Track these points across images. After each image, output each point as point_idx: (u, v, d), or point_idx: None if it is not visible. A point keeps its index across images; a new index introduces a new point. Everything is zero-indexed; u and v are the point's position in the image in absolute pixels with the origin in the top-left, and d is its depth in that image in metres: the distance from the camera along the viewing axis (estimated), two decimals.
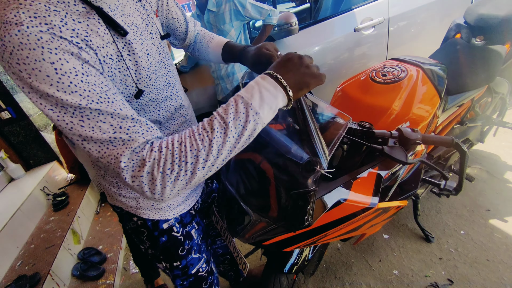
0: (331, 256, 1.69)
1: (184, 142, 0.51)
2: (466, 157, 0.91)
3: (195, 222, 0.96)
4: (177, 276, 0.96)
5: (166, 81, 0.75)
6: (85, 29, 0.51)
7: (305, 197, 0.72)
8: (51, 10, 0.46)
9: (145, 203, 0.81)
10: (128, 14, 0.63)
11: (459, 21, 1.70)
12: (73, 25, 0.49)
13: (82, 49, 0.48)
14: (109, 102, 0.49)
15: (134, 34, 0.62)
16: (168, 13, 0.84)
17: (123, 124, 0.50)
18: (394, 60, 1.39)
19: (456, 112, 1.56)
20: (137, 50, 0.62)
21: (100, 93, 0.48)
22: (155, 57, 0.69)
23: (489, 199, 1.82)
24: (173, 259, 0.91)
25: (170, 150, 0.50)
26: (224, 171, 0.97)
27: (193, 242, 0.94)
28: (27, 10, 0.44)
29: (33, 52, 0.43)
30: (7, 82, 2.52)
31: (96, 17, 0.53)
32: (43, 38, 0.44)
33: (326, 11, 2.58)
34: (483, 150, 2.23)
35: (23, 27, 0.43)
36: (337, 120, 0.83)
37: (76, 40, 0.48)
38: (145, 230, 0.85)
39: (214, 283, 1.06)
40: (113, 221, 2.40)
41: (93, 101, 0.47)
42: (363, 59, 2.39)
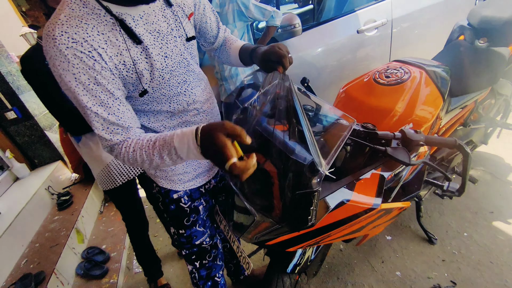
0: (333, 257, 1.69)
1: (136, 151, 0.70)
2: (469, 158, 0.91)
3: (204, 199, 1.08)
4: (183, 243, 1.10)
5: (183, 79, 0.83)
6: (105, 40, 0.64)
7: (309, 198, 0.73)
8: (82, 24, 0.61)
9: (160, 173, 0.96)
10: (152, 22, 0.72)
11: (462, 23, 1.70)
12: (95, 38, 0.63)
13: (97, 61, 0.63)
14: (108, 107, 0.67)
15: (155, 40, 0.73)
16: (203, 18, 0.91)
17: (109, 128, 0.69)
18: (397, 62, 1.39)
19: (460, 113, 1.56)
20: (153, 54, 0.72)
21: (103, 99, 0.66)
22: (174, 59, 0.78)
23: (492, 201, 1.82)
24: (179, 226, 1.06)
25: (127, 152, 0.71)
26: None
27: (199, 216, 1.07)
28: (61, 25, 0.60)
29: (61, 63, 0.60)
30: (13, 82, 2.55)
31: (118, 28, 0.66)
32: (68, 54, 0.60)
33: (329, 13, 2.59)
34: (487, 152, 2.22)
35: (56, 42, 0.59)
36: (341, 122, 0.83)
37: (92, 54, 0.62)
38: (160, 196, 1.02)
39: (218, 257, 1.20)
40: (116, 221, 2.42)
41: (95, 105, 0.65)
42: (366, 60, 2.40)
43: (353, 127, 0.78)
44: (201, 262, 1.15)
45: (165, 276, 1.81)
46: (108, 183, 1.37)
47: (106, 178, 1.36)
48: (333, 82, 2.41)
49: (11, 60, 2.59)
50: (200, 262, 1.14)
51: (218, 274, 1.21)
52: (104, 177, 1.36)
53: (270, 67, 0.81)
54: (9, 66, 2.54)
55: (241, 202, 0.90)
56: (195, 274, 1.18)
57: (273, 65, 0.80)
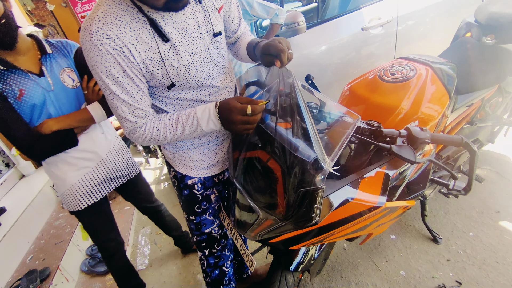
0: (337, 256, 1.68)
1: (160, 130, 0.82)
2: (476, 156, 0.90)
3: (216, 189, 1.11)
4: (193, 230, 1.15)
5: (207, 74, 0.87)
6: (136, 37, 0.71)
7: (313, 195, 0.73)
8: (116, 20, 0.68)
9: (178, 158, 1.03)
10: (180, 20, 0.77)
11: (469, 20, 1.67)
12: (127, 34, 0.69)
13: (126, 57, 0.70)
14: (132, 97, 0.76)
15: (182, 38, 0.78)
16: (228, 12, 0.95)
17: (135, 112, 0.79)
18: (403, 59, 1.38)
19: (466, 112, 1.54)
20: (180, 51, 0.78)
21: (129, 90, 0.75)
22: (199, 55, 0.82)
23: (499, 200, 1.79)
24: (190, 212, 1.11)
25: (150, 132, 0.82)
26: (232, 169, 0.97)
27: (210, 205, 1.10)
28: (98, 21, 0.67)
29: (95, 56, 0.68)
30: None
31: (148, 27, 0.72)
32: (102, 49, 0.67)
33: (333, 10, 2.57)
34: (493, 151, 2.19)
35: (92, 37, 0.66)
36: (346, 119, 0.83)
37: (123, 50, 0.69)
38: (175, 181, 1.08)
39: (227, 247, 1.23)
40: (120, 218, 2.43)
41: (122, 93, 0.75)
42: (371, 58, 2.37)
43: (357, 124, 0.77)
44: (210, 250, 1.17)
45: (168, 273, 1.82)
46: (73, 204, 1.27)
47: (71, 199, 1.26)
48: (337, 80, 2.40)
49: None
50: (209, 250, 1.18)
51: (226, 264, 1.23)
52: (69, 198, 1.26)
53: (269, 61, 0.81)
54: None
55: (244, 199, 0.90)
56: (204, 261, 1.21)
57: (271, 59, 0.80)
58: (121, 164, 1.40)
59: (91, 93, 1.21)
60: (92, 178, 1.28)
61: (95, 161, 1.29)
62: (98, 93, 1.22)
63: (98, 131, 1.31)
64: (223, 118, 0.78)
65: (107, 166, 1.33)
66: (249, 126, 0.77)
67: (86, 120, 1.18)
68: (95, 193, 1.30)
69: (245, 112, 0.74)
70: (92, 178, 1.28)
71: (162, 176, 3.14)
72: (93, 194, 1.30)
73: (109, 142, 1.36)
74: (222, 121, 0.79)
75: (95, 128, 1.29)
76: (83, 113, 1.17)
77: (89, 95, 1.21)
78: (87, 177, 1.27)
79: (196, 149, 1.00)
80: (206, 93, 0.90)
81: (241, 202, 0.94)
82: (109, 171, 1.35)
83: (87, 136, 1.24)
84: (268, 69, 0.89)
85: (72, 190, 1.25)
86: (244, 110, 0.74)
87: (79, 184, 1.25)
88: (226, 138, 1.04)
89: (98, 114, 1.19)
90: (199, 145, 0.99)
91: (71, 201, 1.26)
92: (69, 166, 1.22)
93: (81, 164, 1.25)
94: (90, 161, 1.27)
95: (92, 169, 1.28)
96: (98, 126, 1.31)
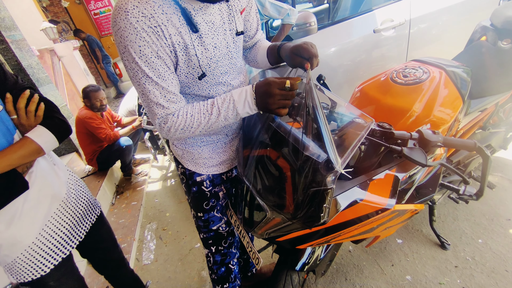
0: (342, 258, 1.67)
1: (194, 115, 0.80)
2: (489, 162, 0.88)
3: (225, 187, 1.11)
4: (200, 227, 1.15)
5: (225, 70, 0.88)
6: (167, 19, 0.71)
7: (323, 195, 0.73)
8: (150, 1, 0.68)
9: (187, 155, 1.02)
10: (209, 14, 0.78)
11: (485, 23, 1.65)
12: (160, 15, 0.69)
13: (160, 37, 0.70)
14: (164, 79, 0.75)
15: (209, 30, 0.79)
16: (248, 15, 0.97)
17: (167, 96, 0.77)
18: (416, 61, 1.36)
19: (479, 116, 1.52)
20: (206, 43, 0.79)
21: (161, 72, 0.74)
22: (221, 50, 0.84)
23: (509, 208, 1.76)
24: (198, 209, 1.10)
25: (184, 118, 0.80)
26: (241, 167, 0.98)
27: (218, 202, 1.10)
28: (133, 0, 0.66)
29: (129, 35, 0.68)
30: (33, 75, 2.63)
31: (179, 14, 0.72)
32: (138, 27, 0.67)
33: (345, 12, 2.56)
34: (506, 158, 2.15)
35: (128, 15, 0.66)
36: (358, 121, 0.82)
37: (157, 30, 0.69)
38: (184, 178, 1.08)
39: (234, 245, 1.22)
40: (127, 213, 2.47)
41: (155, 76, 0.73)
42: (382, 60, 2.35)
43: (371, 127, 0.77)
44: (217, 247, 1.18)
45: (173, 269, 1.83)
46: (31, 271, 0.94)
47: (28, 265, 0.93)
48: (347, 82, 2.38)
49: (32, 53, 2.67)
50: (216, 248, 1.18)
51: (232, 262, 1.24)
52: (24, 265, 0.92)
53: (299, 62, 0.83)
54: (30, 59, 2.62)
55: (253, 197, 0.90)
56: (210, 258, 1.21)
57: (302, 61, 0.82)
58: (84, 203, 1.12)
59: (24, 117, 0.89)
60: (56, 228, 0.98)
61: (55, 204, 0.98)
62: (37, 114, 0.91)
63: (48, 163, 1.01)
64: (260, 96, 0.77)
65: (70, 208, 1.04)
66: (287, 101, 0.76)
67: (31, 153, 0.87)
68: (64, 245, 1.01)
69: (283, 85, 0.74)
70: (56, 229, 0.98)
71: (169, 173, 3.17)
72: (63, 247, 1.00)
73: (64, 176, 1.06)
74: (259, 102, 0.78)
75: (43, 160, 0.98)
76: (25, 145, 0.85)
77: (22, 119, 0.89)
78: (50, 229, 0.96)
79: (206, 147, 1.01)
80: (221, 91, 0.91)
81: (249, 199, 0.94)
82: (74, 214, 1.05)
83: (36, 174, 0.93)
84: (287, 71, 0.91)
85: (30, 253, 0.92)
86: (283, 84, 0.73)
87: (39, 242, 0.93)
88: (236, 136, 1.05)
89: (48, 142, 0.90)
90: (208, 143, 1.00)
91: (28, 267, 0.92)
92: (20, 220, 0.88)
93: (38, 213, 0.93)
94: (48, 206, 0.96)
95: (53, 216, 0.98)
96: (47, 158, 1.01)
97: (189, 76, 0.82)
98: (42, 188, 0.94)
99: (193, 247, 2.03)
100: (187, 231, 2.19)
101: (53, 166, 1.03)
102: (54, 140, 0.93)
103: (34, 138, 0.87)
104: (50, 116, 0.96)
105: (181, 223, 2.31)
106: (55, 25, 4.26)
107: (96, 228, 1.17)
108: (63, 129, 0.98)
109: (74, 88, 4.19)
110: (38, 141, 0.87)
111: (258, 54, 1.04)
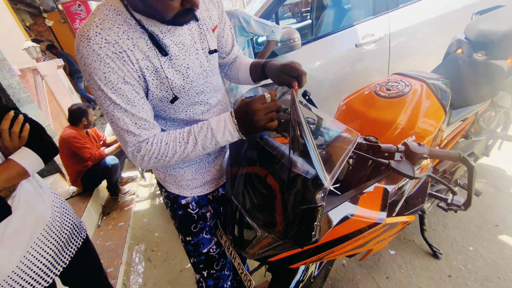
0: (336, 273, 1.64)
1: (169, 144, 0.76)
2: (474, 172, 0.90)
3: (212, 207, 1.08)
4: (190, 251, 1.09)
5: (200, 90, 0.86)
6: (133, 44, 0.69)
7: (313, 213, 0.71)
8: (114, 27, 0.67)
9: (169, 178, 0.98)
10: (178, 35, 0.77)
11: (460, 37, 1.72)
12: (125, 41, 0.68)
13: (126, 62, 0.68)
14: (134, 105, 0.72)
15: (179, 51, 0.77)
16: (221, 32, 0.96)
17: (138, 123, 0.74)
18: (398, 74, 1.40)
19: (461, 126, 1.56)
20: (177, 65, 0.77)
21: (130, 98, 0.71)
22: (195, 70, 0.82)
23: (497, 214, 1.79)
24: (186, 233, 1.05)
25: (158, 146, 0.76)
26: (230, 185, 0.96)
27: (206, 223, 1.06)
28: (96, 26, 0.65)
29: (93, 62, 0.65)
30: (14, 95, 2.56)
31: (146, 38, 0.71)
32: (101, 54, 0.65)
33: (327, 27, 2.64)
34: (489, 164, 2.21)
35: (90, 42, 0.64)
36: (344, 135, 0.83)
37: (123, 55, 0.67)
38: (168, 202, 1.03)
39: (226, 266, 1.17)
40: (114, 235, 2.37)
41: (123, 102, 0.70)
42: (365, 73, 2.42)
43: (357, 141, 0.77)
44: (208, 271, 1.13)
45: None
46: None
47: None
48: (333, 94, 2.43)
49: (13, 73, 2.60)
50: (208, 272, 1.13)
51: (226, 285, 1.18)
52: None
53: (287, 80, 0.83)
54: (10, 79, 2.56)
55: (242, 216, 0.88)
56: (202, 283, 1.15)
57: (290, 79, 0.82)
58: (69, 226, 1.08)
59: (8, 139, 0.87)
60: (39, 255, 0.94)
61: (39, 228, 0.95)
62: (22, 135, 0.90)
63: (32, 186, 0.98)
64: (243, 119, 0.74)
65: (55, 232, 1.00)
66: (273, 114, 0.74)
67: (15, 176, 0.85)
68: (47, 272, 0.96)
69: (264, 99, 0.72)
70: (39, 255, 0.94)
71: (157, 191, 3.09)
72: (45, 274, 0.95)
73: (49, 198, 1.04)
74: (242, 125, 0.75)
75: (27, 183, 0.96)
76: (8, 168, 0.84)
77: (5, 141, 0.87)
78: (32, 255, 0.92)
79: (188, 168, 0.98)
80: (199, 111, 0.89)
81: (239, 219, 0.92)
82: (58, 239, 1.01)
83: (19, 197, 0.90)
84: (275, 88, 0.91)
85: (13, 280, 0.87)
86: (263, 98, 0.72)
87: (20, 271, 0.89)
88: (219, 155, 1.03)
89: (33, 163, 0.89)
90: (190, 164, 0.97)
91: None
92: (2, 246, 0.85)
93: (20, 238, 0.89)
94: (32, 231, 0.93)
95: (36, 242, 0.93)
96: (31, 180, 0.99)
97: (163, 100, 0.80)
98: (25, 212, 0.92)
99: (183, 268, 1.95)
100: (177, 251, 2.12)
101: (38, 188, 1.01)
102: (39, 162, 0.93)
103: (18, 160, 0.86)
104: (36, 137, 0.95)
105: (170, 243, 2.23)
106: (38, 44, 4.21)
107: (81, 253, 1.12)
108: (49, 150, 0.98)
109: (58, 107, 4.10)
110: (22, 163, 0.87)
111: (240, 71, 1.03)
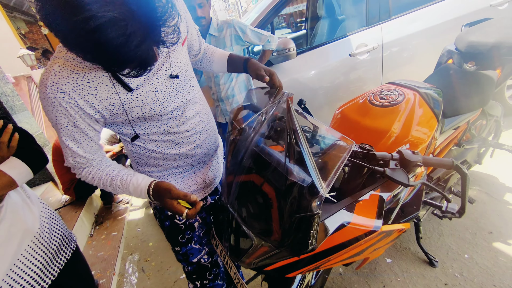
0: (333, 282, 1.63)
1: (95, 179, 0.84)
2: (467, 179, 0.91)
3: (200, 216, 1.07)
4: (181, 261, 1.10)
5: (175, 106, 0.85)
6: (95, 87, 0.71)
7: (309, 221, 0.71)
8: (73, 74, 0.68)
9: None
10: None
11: (450, 48, 1.77)
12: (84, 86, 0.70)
13: (81, 109, 0.72)
14: (78, 143, 0.77)
15: (145, 79, 0.77)
16: (190, 36, 0.98)
17: (76, 158, 0.80)
18: (391, 84, 1.43)
19: (453, 134, 1.59)
20: (143, 92, 0.78)
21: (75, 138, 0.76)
22: (164, 91, 0.81)
23: (491, 221, 1.81)
24: (174, 243, 1.06)
25: (86, 176, 0.84)
26: (226, 193, 0.95)
27: (194, 233, 1.06)
28: (54, 75, 0.68)
29: (47, 107, 0.71)
30: (7, 103, 2.54)
31: (108, 75, 0.72)
32: (55, 102, 0.69)
33: (321, 37, 2.70)
34: (481, 171, 2.24)
35: (46, 90, 0.68)
36: (339, 143, 0.83)
37: (78, 103, 0.71)
38: (157, 212, 1.04)
39: (219, 276, 1.17)
40: (107, 245, 2.32)
41: (67, 140, 0.76)
42: (359, 82, 2.46)
43: (352, 149, 0.78)
44: (201, 282, 1.12)
45: None
46: None
47: None
48: (327, 103, 2.46)
49: (7, 81, 2.59)
50: (201, 282, 1.12)
51: None
52: None
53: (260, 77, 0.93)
54: (4, 87, 2.54)
55: (238, 225, 0.87)
56: None
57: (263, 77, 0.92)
58: (58, 237, 1.05)
59: None
60: (26, 267, 0.91)
61: (27, 239, 0.93)
62: (11, 145, 0.90)
63: (20, 196, 0.97)
64: (156, 197, 0.81)
65: (43, 244, 0.97)
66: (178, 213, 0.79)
67: (3, 186, 0.85)
68: (35, 286, 0.94)
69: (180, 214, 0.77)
70: (26, 268, 0.91)
71: None
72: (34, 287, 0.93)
73: (37, 209, 1.01)
74: (156, 199, 0.81)
75: (15, 193, 0.95)
76: None
77: None
78: (20, 268, 0.90)
79: (172, 177, 0.97)
80: (173, 125, 0.88)
81: (235, 228, 0.91)
82: (47, 250, 0.98)
83: (6, 208, 0.89)
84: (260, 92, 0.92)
85: None
86: (180, 213, 0.76)
87: (6, 285, 0.87)
88: (204, 164, 1.02)
89: (22, 173, 0.89)
90: (176, 174, 0.97)
91: None
92: None
93: (7, 250, 0.87)
94: (19, 242, 0.90)
95: (24, 254, 0.91)
96: (19, 190, 0.98)
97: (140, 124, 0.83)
98: (13, 224, 0.90)
99: (178, 279, 1.91)
100: (171, 262, 2.08)
101: (26, 199, 0.99)
102: (28, 172, 0.92)
103: (6, 171, 0.86)
104: (25, 147, 0.94)
105: (165, 253, 2.19)
106: (33, 51, 4.20)
107: (71, 265, 1.09)
108: (38, 159, 0.97)
109: None
110: (10, 173, 0.86)
111: (214, 62, 1.09)
